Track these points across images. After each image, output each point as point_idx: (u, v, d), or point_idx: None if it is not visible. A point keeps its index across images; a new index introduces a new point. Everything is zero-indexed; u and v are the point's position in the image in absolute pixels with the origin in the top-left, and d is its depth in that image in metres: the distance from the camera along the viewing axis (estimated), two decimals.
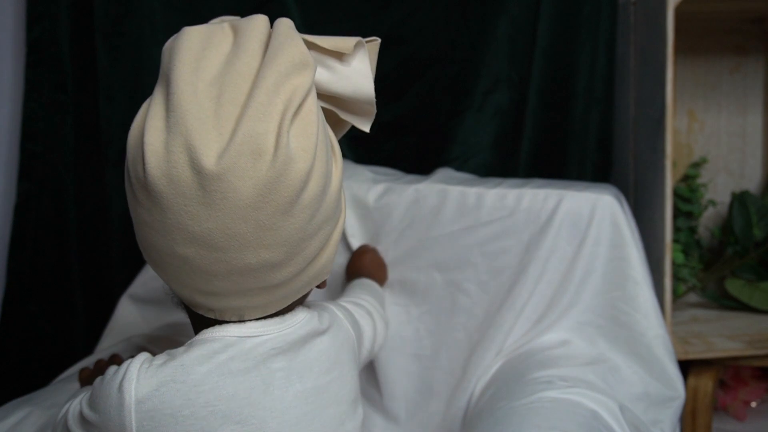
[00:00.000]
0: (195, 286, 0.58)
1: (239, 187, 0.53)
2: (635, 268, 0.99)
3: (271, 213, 0.55)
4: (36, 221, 1.38)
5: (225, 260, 0.55)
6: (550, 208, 1.01)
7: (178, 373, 0.58)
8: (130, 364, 0.59)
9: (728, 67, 1.49)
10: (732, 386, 1.41)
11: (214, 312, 0.61)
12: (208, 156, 0.52)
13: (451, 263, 1.05)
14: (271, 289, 0.60)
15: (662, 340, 0.98)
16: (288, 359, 0.63)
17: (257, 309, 0.61)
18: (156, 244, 0.56)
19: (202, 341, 0.61)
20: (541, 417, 0.78)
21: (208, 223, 0.54)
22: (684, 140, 1.50)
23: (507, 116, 1.39)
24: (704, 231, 1.49)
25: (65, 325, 1.40)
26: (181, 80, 0.54)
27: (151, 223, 0.55)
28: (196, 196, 0.53)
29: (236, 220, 0.54)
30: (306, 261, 0.59)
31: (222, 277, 0.57)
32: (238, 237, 0.54)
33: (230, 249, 0.55)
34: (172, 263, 0.57)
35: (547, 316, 1.01)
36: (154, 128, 0.54)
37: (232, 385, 0.59)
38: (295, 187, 0.55)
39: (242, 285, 0.58)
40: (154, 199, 0.54)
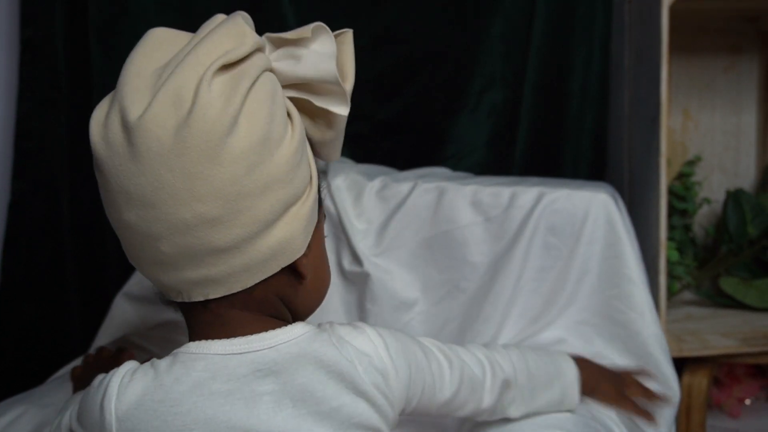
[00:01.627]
0: (149, 258, 0.57)
1: (160, 135, 0.53)
2: (630, 266, 1.00)
3: (195, 159, 0.54)
4: (30, 220, 1.38)
5: (162, 218, 0.54)
6: (545, 206, 1.01)
7: (157, 392, 0.57)
8: (111, 379, 0.58)
9: (722, 65, 1.49)
10: (726, 383, 1.42)
11: (181, 293, 0.58)
12: (134, 112, 0.54)
13: (448, 262, 1.05)
14: (222, 255, 0.56)
15: (657, 338, 0.98)
16: (280, 382, 0.59)
17: (219, 284, 0.57)
18: (111, 218, 0.58)
19: (185, 357, 0.59)
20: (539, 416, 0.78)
21: (139, 179, 0.54)
22: (678, 138, 1.50)
23: (502, 115, 1.39)
24: (699, 229, 1.49)
25: (60, 323, 1.40)
26: (130, 64, 0.59)
27: (104, 197, 0.57)
28: (126, 153, 0.54)
29: (162, 169, 0.54)
30: (256, 224, 0.56)
31: (165, 239, 0.55)
32: (167, 188, 0.54)
33: (163, 203, 0.54)
34: (125, 236, 0.58)
35: (543, 314, 1.01)
36: (100, 106, 0.58)
37: (211, 408, 0.57)
38: (216, 130, 0.54)
39: (188, 248, 0.55)
40: (99, 168, 0.56)
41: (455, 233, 1.05)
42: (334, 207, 1.10)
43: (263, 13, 1.35)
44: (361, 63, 1.56)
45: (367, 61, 1.39)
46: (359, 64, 0.63)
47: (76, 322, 1.40)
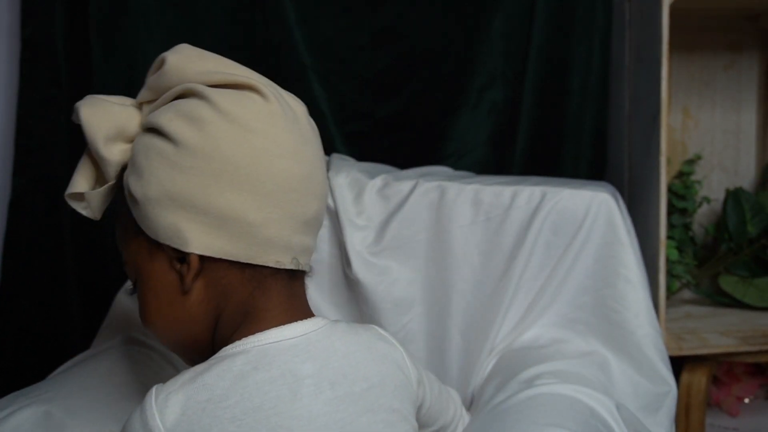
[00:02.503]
0: (299, 217, 0.62)
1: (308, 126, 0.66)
2: (628, 266, 0.99)
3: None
4: (31, 217, 1.38)
5: (322, 180, 0.65)
6: (548, 205, 1.01)
7: (200, 393, 0.58)
8: (145, 402, 0.59)
9: (722, 64, 1.50)
10: (725, 382, 1.42)
11: (296, 259, 0.63)
12: (294, 99, 0.66)
13: (449, 261, 1.05)
14: (318, 229, 0.67)
15: (652, 338, 0.98)
16: (318, 366, 0.61)
17: (310, 254, 0.67)
18: (280, 170, 0.61)
19: (222, 358, 0.60)
20: (538, 413, 0.78)
21: (308, 147, 0.64)
22: (678, 137, 1.50)
23: (502, 113, 1.39)
24: (698, 228, 1.49)
25: (60, 321, 1.40)
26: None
27: (276, 149, 0.61)
28: (294, 125, 0.64)
29: (314, 135, 0.67)
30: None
31: (318, 199, 0.65)
32: (321, 168, 0.66)
33: (323, 171, 0.66)
34: (290, 189, 0.61)
35: (539, 313, 1.01)
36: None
37: (257, 396, 0.58)
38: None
39: (321, 213, 0.66)
40: (279, 123, 0.62)
41: (456, 232, 1.05)
42: (334, 206, 1.10)
43: (264, 11, 1.35)
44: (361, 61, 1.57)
45: (367, 59, 1.40)
46: (360, 62, 0.66)
47: (76, 320, 1.40)
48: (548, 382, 0.85)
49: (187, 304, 0.64)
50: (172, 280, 0.63)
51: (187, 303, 0.64)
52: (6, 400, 0.82)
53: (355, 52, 1.37)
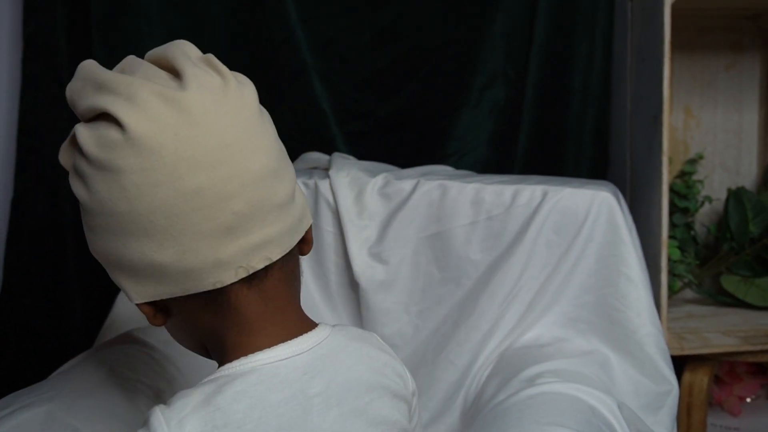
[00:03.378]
0: (213, 229, 0.56)
1: (218, 98, 0.56)
2: (630, 265, 0.99)
3: (248, 116, 0.58)
4: (33, 215, 1.38)
5: (233, 174, 0.55)
6: (549, 204, 1.01)
7: (217, 417, 0.55)
8: (154, 426, 0.55)
9: (724, 63, 1.49)
10: (727, 382, 1.42)
11: (241, 267, 0.57)
12: (177, 89, 0.56)
13: (450, 260, 1.05)
14: (280, 211, 0.59)
15: (654, 338, 0.98)
16: (326, 382, 0.60)
17: (276, 244, 0.59)
18: (163, 200, 0.54)
19: (232, 377, 0.58)
20: (540, 412, 0.78)
21: (203, 140, 0.55)
22: (680, 137, 1.50)
23: (503, 112, 1.39)
24: (700, 227, 1.49)
25: (62, 319, 1.40)
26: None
27: (149, 179, 0.54)
28: (179, 122, 0.55)
29: (226, 127, 0.56)
30: (293, 180, 0.61)
31: (238, 196, 0.56)
32: (235, 144, 0.56)
33: (233, 159, 0.56)
34: (184, 212, 0.55)
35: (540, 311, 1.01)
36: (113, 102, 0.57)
37: (274, 419, 0.57)
38: (253, 95, 0.60)
39: (257, 204, 0.57)
40: (143, 147, 0.54)
41: (457, 231, 1.05)
42: (335, 204, 1.10)
43: (265, 11, 1.35)
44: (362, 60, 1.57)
45: (368, 58, 1.40)
46: (362, 61, 0.64)
47: (78, 318, 1.40)
48: (549, 380, 0.85)
49: (172, 331, 0.65)
50: (146, 315, 0.62)
51: (172, 331, 0.65)
52: (7, 400, 0.82)
53: (357, 51, 1.37)
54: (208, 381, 0.58)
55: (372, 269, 1.09)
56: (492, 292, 1.01)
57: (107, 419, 0.82)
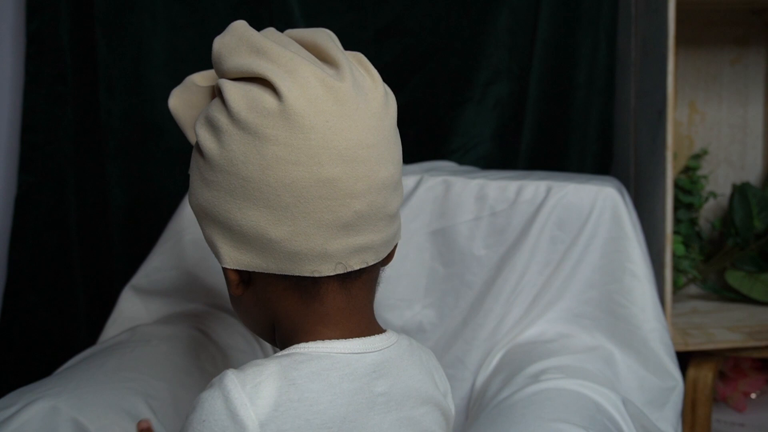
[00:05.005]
0: (331, 221, 0.56)
1: (369, 98, 0.57)
2: (634, 261, 0.99)
3: (389, 124, 0.59)
4: (37, 213, 1.38)
5: (366, 175, 0.56)
6: (553, 200, 1.01)
7: (291, 391, 0.55)
8: (227, 388, 0.55)
9: (729, 58, 1.49)
10: (732, 377, 1.42)
11: (340, 263, 0.58)
12: (335, 77, 0.56)
13: (454, 256, 1.05)
14: (389, 221, 0.60)
15: (658, 333, 0.98)
16: (389, 384, 0.61)
17: (374, 251, 0.60)
18: (297, 179, 0.55)
19: (308, 356, 0.58)
20: (544, 408, 0.78)
21: (349, 134, 0.55)
22: (685, 132, 1.50)
23: (507, 107, 1.39)
24: (705, 223, 1.49)
25: (66, 316, 1.41)
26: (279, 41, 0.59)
27: (290, 156, 0.55)
28: (334, 111, 0.55)
29: (371, 129, 0.57)
30: (402, 197, 0.63)
31: (362, 197, 0.57)
32: (374, 147, 0.57)
33: (369, 160, 0.56)
34: (312, 197, 0.55)
35: (544, 307, 1.01)
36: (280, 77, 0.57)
37: (344, 407, 0.57)
38: (395, 106, 0.61)
39: (375, 209, 0.58)
40: (295, 124, 0.55)
41: (461, 227, 1.05)
42: None
43: (269, 6, 1.34)
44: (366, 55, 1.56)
45: (372, 54, 1.39)
46: (365, 56, 0.63)
47: (82, 315, 1.41)
48: (554, 377, 0.85)
49: (243, 304, 0.64)
50: (229, 281, 0.62)
51: (243, 304, 0.64)
52: (13, 396, 0.82)
53: (360, 47, 1.36)
54: (283, 355, 0.58)
55: None
56: (498, 290, 1.01)
57: (113, 414, 0.82)
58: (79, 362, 0.97)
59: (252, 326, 0.67)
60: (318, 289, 0.60)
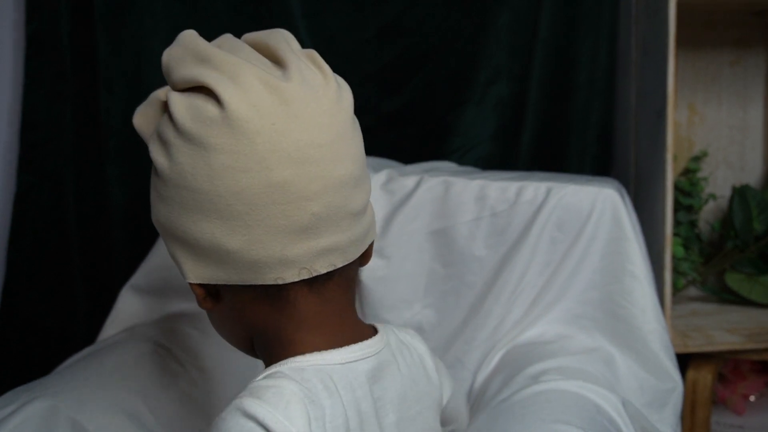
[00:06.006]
0: (289, 226, 0.55)
1: (319, 95, 0.56)
2: (634, 262, 0.99)
3: (344, 119, 0.58)
4: (36, 212, 1.38)
5: (320, 175, 0.55)
6: (553, 201, 1.01)
7: (314, 409, 0.54)
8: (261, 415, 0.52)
9: (729, 59, 1.49)
10: (731, 380, 1.42)
11: (304, 268, 0.56)
12: (281, 78, 0.55)
13: (454, 256, 1.05)
14: (353, 220, 0.58)
15: (658, 335, 0.98)
16: (384, 388, 0.60)
17: (342, 252, 0.58)
18: (247, 187, 0.54)
19: (309, 371, 0.56)
20: (544, 410, 0.77)
21: (298, 135, 0.54)
22: (684, 133, 1.50)
23: (508, 108, 1.39)
24: (704, 225, 1.49)
25: (65, 315, 1.40)
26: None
27: (237, 163, 0.53)
28: (279, 112, 0.54)
29: (322, 127, 0.55)
30: (368, 192, 0.61)
31: (318, 198, 0.55)
32: (327, 146, 0.55)
33: (323, 160, 0.55)
34: (264, 204, 0.54)
35: (544, 308, 1.01)
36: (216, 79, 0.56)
37: (354, 418, 0.57)
38: (350, 99, 0.59)
39: (334, 209, 0.56)
40: (239, 130, 0.53)
41: (461, 227, 1.05)
42: None
43: (269, 6, 1.34)
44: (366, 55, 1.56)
45: (372, 53, 1.39)
46: (365, 56, 0.63)
47: (81, 314, 1.41)
48: (554, 378, 0.85)
49: (216, 318, 0.63)
50: (196, 296, 0.61)
51: (216, 318, 0.63)
52: (11, 395, 0.82)
53: (361, 46, 1.37)
54: (282, 374, 0.56)
55: (374, 265, 1.08)
56: (498, 291, 1.01)
57: (112, 414, 0.82)
58: (77, 361, 0.97)
59: (229, 339, 0.65)
60: (287, 295, 0.58)
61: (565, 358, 0.92)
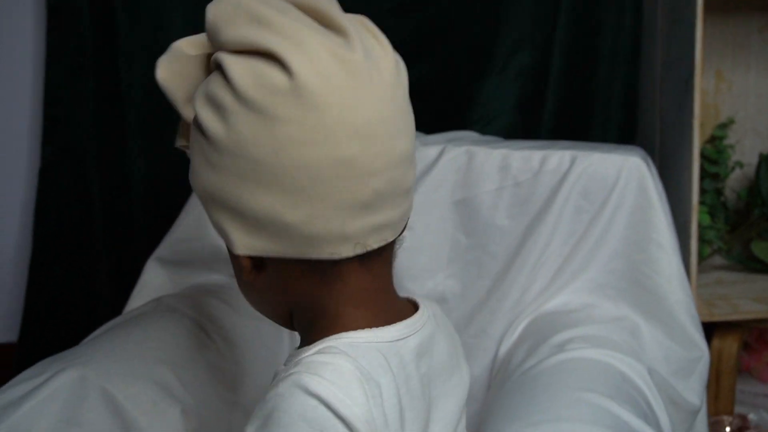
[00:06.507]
0: (349, 200, 0.53)
1: (381, 68, 0.54)
2: (660, 231, 0.98)
3: (402, 94, 0.57)
4: (60, 185, 1.39)
5: (383, 151, 0.54)
6: (578, 170, 1.00)
7: (368, 388, 0.53)
8: (323, 393, 0.51)
9: (757, 26, 1.46)
10: (756, 348, 1.41)
11: (359, 243, 0.55)
12: (345, 48, 0.53)
13: (477, 226, 1.05)
14: (405, 197, 0.58)
15: (684, 305, 0.97)
16: (427, 364, 0.60)
17: (392, 228, 0.57)
18: (312, 160, 0.52)
19: (363, 348, 0.55)
20: (570, 378, 0.78)
21: (365, 109, 0.52)
22: (711, 101, 1.47)
23: (530, 77, 1.37)
24: (730, 193, 1.47)
25: (90, 287, 1.42)
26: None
27: (304, 136, 0.52)
28: (348, 85, 0.52)
29: (385, 101, 0.54)
30: (415, 170, 0.60)
31: (380, 174, 0.54)
32: (390, 120, 0.54)
33: (386, 135, 0.54)
34: (329, 178, 0.52)
35: (569, 277, 1.01)
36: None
37: (406, 396, 0.56)
38: (406, 72, 0.58)
39: (393, 186, 0.55)
40: (308, 102, 0.51)
41: (484, 197, 1.04)
42: None
43: None
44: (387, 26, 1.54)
45: (393, 24, 1.37)
46: (385, 27, 0.61)
47: (105, 286, 1.42)
48: (579, 346, 0.85)
49: (256, 290, 0.62)
50: (241, 267, 0.59)
51: (256, 290, 0.61)
52: (42, 365, 0.83)
53: (382, 17, 1.34)
54: (337, 350, 0.55)
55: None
56: (522, 260, 1.01)
57: (142, 383, 0.83)
58: (105, 332, 0.98)
59: (266, 311, 0.64)
60: (339, 270, 0.57)
61: (591, 326, 0.92)
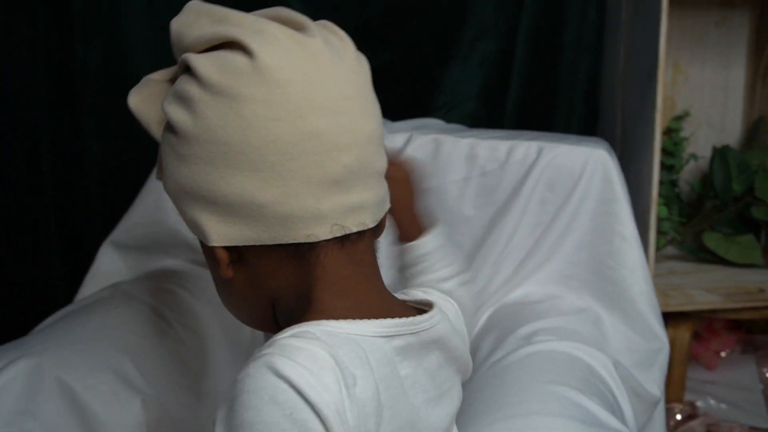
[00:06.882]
0: (321, 177, 0.54)
1: (342, 54, 0.56)
2: (624, 223, 0.99)
3: (365, 81, 0.58)
4: (9, 166, 1.34)
5: (351, 127, 0.55)
6: (543, 161, 1.00)
7: (342, 378, 0.52)
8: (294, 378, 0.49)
9: (714, 20, 1.48)
10: (705, 337, 1.45)
11: (339, 225, 0.55)
12: (304, 35, 0.55)
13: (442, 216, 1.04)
14: (378, 178, 0.58)
15: (647, 296, 0.98)
16: (413, 367, 0.58)
17: (370, 211, 0.57)
18: (280, 135, 0.53)
19: (342, 338, 0.54)
20: (540, 371, 0.78)
21: (328, 86, 0.54)
22: (668, 92, 1.50)
23: (494, 65, 1.37)
24: (684, 184, 1.50)
25: (42, 273, 1.38)
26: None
27: (270, 112, 0.53)
28: (309, 64, 0.54)
29: (348, 82, 0.55)
30: (386, 157, 0.61)
31: (350, 150, 0.55)
32: (355, 99, 0.56)
33: (352, 112, 0.55)
34: (298, 153, 0.53)
35: (533, 268, 1.01)
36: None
37: (384, 392, 0.55)
38: (368, 66, 0.59)
39: (364, 164, 0.56)
40: (271, 79, 0.53)
41: (451, 187, 1.04)
42: None
43: None
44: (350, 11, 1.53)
45: (356, 9, 1.36)
46: (349, 12, 0.62)
47: (58, 271, 1.38)
48: (546, 339, 0.86)
49: (235, 288, 0.60)
50: (218, 264, 0.58)
51: (235, 288, 0.60)
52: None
53: (346, 1, 1.33)
54: (313, 336, 0.53)
55: None
56: (486, 251, 1.01)
57: (100, 373, 0.81)
58: (59, 320, 0.95)
59: (246, 312, 0.63)
60: (317, 254, 0.56)
61: (556, 318, 0.93)
